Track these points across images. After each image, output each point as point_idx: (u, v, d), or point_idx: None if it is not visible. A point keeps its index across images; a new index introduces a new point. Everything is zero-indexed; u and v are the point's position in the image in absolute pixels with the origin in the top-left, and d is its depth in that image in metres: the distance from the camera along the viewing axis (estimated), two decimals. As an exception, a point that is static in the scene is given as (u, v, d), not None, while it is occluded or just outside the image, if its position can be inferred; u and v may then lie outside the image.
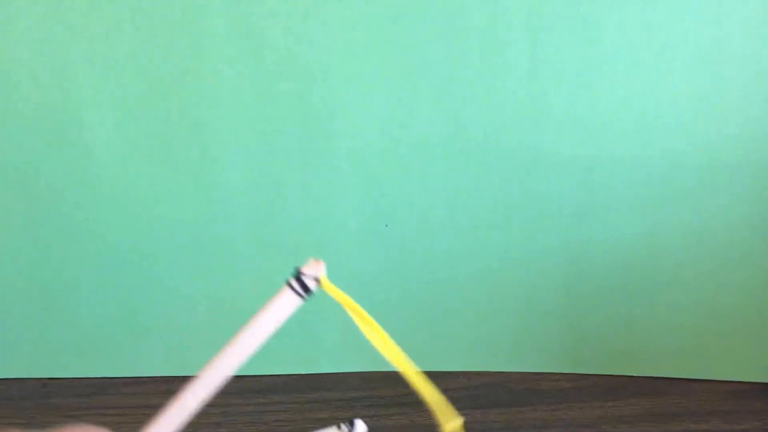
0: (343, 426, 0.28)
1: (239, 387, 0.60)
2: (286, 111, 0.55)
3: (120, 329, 0.61)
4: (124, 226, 0.58)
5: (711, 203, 0.56)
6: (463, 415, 0.59)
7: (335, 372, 0.63)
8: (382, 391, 0.60)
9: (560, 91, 0.54)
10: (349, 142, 0.56)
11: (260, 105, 0.55)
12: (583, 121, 0.55)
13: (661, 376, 0.61)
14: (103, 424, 0.26)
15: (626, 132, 0.55)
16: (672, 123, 0.54)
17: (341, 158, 0.56)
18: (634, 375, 0.62)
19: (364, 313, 0.25)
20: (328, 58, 0.53)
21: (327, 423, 0.60)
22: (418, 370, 0.25)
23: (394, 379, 0.62)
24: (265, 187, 0.57)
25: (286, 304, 0.24)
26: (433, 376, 0.62)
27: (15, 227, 0.58)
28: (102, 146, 0.55)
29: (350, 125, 0.55)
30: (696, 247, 0.58)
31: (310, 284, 0.24)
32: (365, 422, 0.58)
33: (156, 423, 0.24)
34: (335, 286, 0.25)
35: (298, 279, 0.23)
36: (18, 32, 0.52)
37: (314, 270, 0.24)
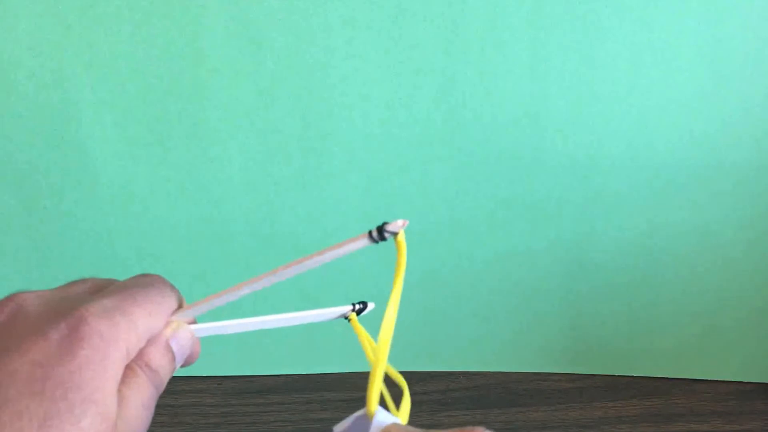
0: (355, 305, 0.29)
1: (238, 387, 0.60)
2: (286, 111, 0.55)
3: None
4: (123, 225, 0.58)
5: (712, 203, 0.56)
6: (463, 415, 0.59)
7: (335, 372, 0.63)
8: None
9: (560, 90, 0.54)
10: (349, 142, 0.56)
11: (260, 105, 0.55)
12: (584, 120, 0.55)
13: (663, 376, 0.61)
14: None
15: (627, 132, 0.55)
16: (673, 122, 0.54)
17: (341, 158, 0.56)
18: (636, 375, 0.62)
19: (397, 296, 0.26)
20: (328, 58, 0.53)
21: (327, 423, 0.60)
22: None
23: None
24: (265, 186, 0.57)
25: (357, 243, 0.25)
26: (433, 376, 0.63)
27: (13, 227, 0.58)
28: (101, 146, 0.55)
29: (350, 125, 0.55)
30: (697, 247, 0.58)
31: (387, 235, 0.25)
32: (365, 423, 0.58)
33: (208, 299, 0.27)
34: (405, 243, 0.26)
35: (380, 230, 0.25)
36: (18, 32, 0.52)
37: (396, 227, 0.25)
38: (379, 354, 0.25)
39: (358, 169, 0.57)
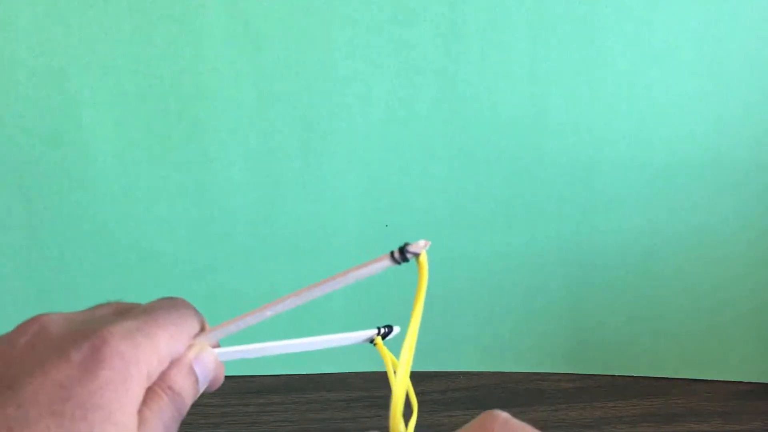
0: (381, 329, 0.29)
1: (238, 387, 0.60)
2: (286, 111, 0.55)
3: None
4: (123, 225, 0.58)
5: (713, 203, 0.56)
6: (463, 415, 0.59)
7: (335, 372, 0.63)
8: (382, 391, 0.60)
9: (560, 90, 0.54)
10: (349, 142, 0.56)
11: (260, 105, 0.55)
12: (584, 120, 0.55)
13: (663, 376, 0.61)
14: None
15: (627, 131, 0.55)
16: (673, 122, 0.54)
17: (341, 158, 0.56)
18: (636, 375, 0.62)
19: (419, 312, 0.27)
20: (328, 58, 0.53)
21: (327, 423, 0.60)
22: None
23: (395, 379, 0.61)
24: (265, 187, 0.57)
25: (379, 264, 0.25)
26: (433, 376, 0.63)
27: (13, 227, 0.58)
28: (101, 146, 0.55)
29: (350, 125, 0.55)
30: (697, 247, 0.58)
31: (409, 256, 0.25)
32: (365, 422, 0.59)
33: (230, 322, 0.27)
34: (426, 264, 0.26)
35: (401, 251, 0.25)
36: (18, 32, 0.52)
37: (418, 248, 0.25)
38: (397, 384, 0.25)
39: (358, 169, 0.57)
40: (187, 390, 0.25)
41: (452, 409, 0.58)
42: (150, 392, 0.23)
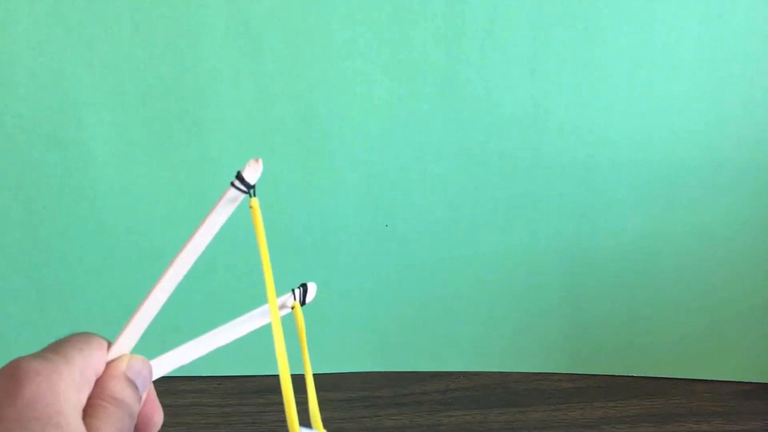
0: (296, 290, 0.29)
1: (238, 388, 0.60)
2: (286, 111, 0.55)
3: (119, 329, 0.61)
4: (123, 225, 0.58)
5: (713, 204, 0.56)
6: (463, 415, 0.59)
7: (335, 372, 0.63)
8: (382, 391, 0.60)
9: (560, 91, 0.54)
10: (349, 142, 0.56)
11: (260, 105, 0.55)
12: (584, 121, 0.55)
13: (663, 376, 0.61)
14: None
15: (627, 132, 0.55)
16: (673, 123, 0.54)
17: (341, 158, 0.56)
18: (636, 375, 0.62)
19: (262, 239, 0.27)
20: (328, 58, 0.53)
21: (327, 423, 0.60)
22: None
23: (394, 379, 0.62)
24: (265, 187, 0.57)
25: (229, 199, 0.27)
26: (433, 376, 0.63)
27: (13, 227, 0.58)
28: (101, 146, 0.55)
29: (350, 125, 0.55)
30: (697, 246, 0.58)
31: (251, 181, 0.27)
32: (365, 422, 0.59)
33: (131, 321, 0.28)
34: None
35: (240, 179, 0.26)
36: (18, 32, 0.52)
37: (254, 171, 0.26)
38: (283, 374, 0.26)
39: (358, 169, 0.57)
40: (129, 396, 0.26)
41: (452, 409, 0.58)
42: (94, 405, 0.24)
